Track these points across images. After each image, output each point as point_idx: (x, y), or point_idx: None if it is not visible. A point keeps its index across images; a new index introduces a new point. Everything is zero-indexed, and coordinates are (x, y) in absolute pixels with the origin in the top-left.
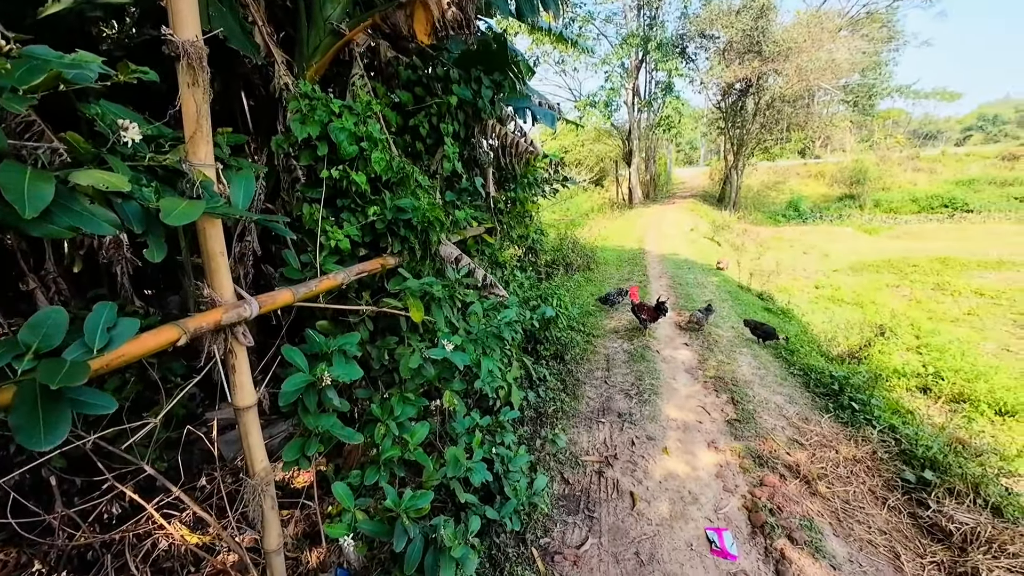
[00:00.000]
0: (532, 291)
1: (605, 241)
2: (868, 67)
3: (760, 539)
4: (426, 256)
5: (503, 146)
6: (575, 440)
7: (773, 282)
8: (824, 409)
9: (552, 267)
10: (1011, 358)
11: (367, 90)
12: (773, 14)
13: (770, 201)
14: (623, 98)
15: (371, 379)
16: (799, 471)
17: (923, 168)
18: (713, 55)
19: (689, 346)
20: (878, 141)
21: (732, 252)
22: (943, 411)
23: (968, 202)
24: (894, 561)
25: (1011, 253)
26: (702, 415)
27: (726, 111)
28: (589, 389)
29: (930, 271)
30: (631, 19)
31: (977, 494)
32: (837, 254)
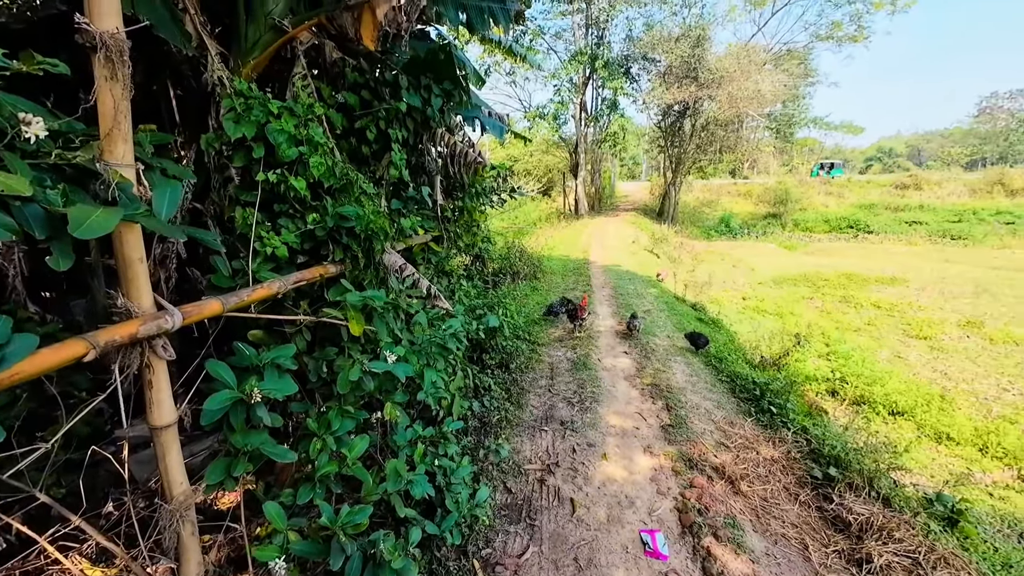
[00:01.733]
0: (479, 300)
1: (552, 251)
2: (788, 99)
3: (689, 538)
4: (369, 265)
5: (452, 155)
6: (519, 449)
7: (706, 293)
8: (747, 413)
9: (499, 275)
10: (901, 364)
11: (310, 91)
12: (708, 44)
13: (704, 217)
14: (571, 112)
15: (308, 392)
16: (724, 472)
17: (833, 192)
18: (655, 77)
19: (628, 354)
20: (797, 166)
21: (669, 264)
22: (847, 412)
23: (869, 224)
24: (803, 552)
25: (902, 270)
26: (639, 421)
27: (666, 130)
28: (533, 397)
29: (838, 285)
30: (580, 37)
31: (871, 487)
32: (762, 268)
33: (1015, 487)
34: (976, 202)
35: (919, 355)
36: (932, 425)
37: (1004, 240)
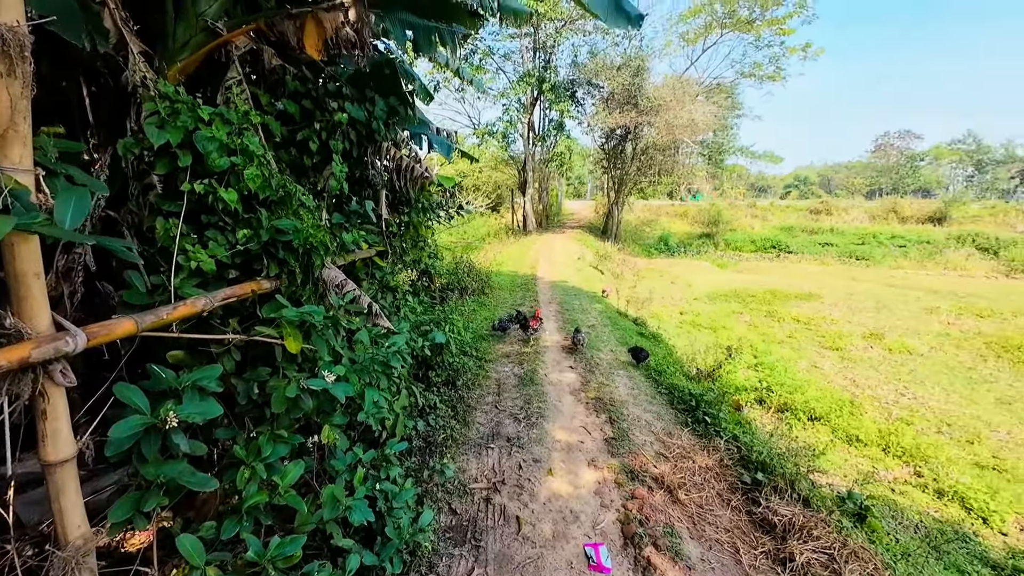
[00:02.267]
0: (425, 316)
1: (500, 266)
2: (719, 128)
3: (631, 549)
4: (307, 280)
5: (398, 169)
6: (464, 468)
7: (647, 308)
8: (684, 423)
9: (447, 291)
10: (818, 373)
11: (245, 98)
12: (647, 74)
13: (645, 235)
14: (520, 131)
15: (236, 416)
16: (664, 482)
17: (758, 215)
18: (598, 102)
19: (574, 369)
20: (727, 190)
21: (613, 280)
22: (773, 419)
23: (789, 245)
24: (735, 555)
25: (817, 287)
26: (584, 435)
27: (609, 153)
28: (480, 414)
29: (763, 301)
30: (528, 59)
31: (793, 489)
32: (697, 285)
33: (912, 482)
34: (875, 227)
35: (832, 364)
36: (844, 429)
37: (898, 261)
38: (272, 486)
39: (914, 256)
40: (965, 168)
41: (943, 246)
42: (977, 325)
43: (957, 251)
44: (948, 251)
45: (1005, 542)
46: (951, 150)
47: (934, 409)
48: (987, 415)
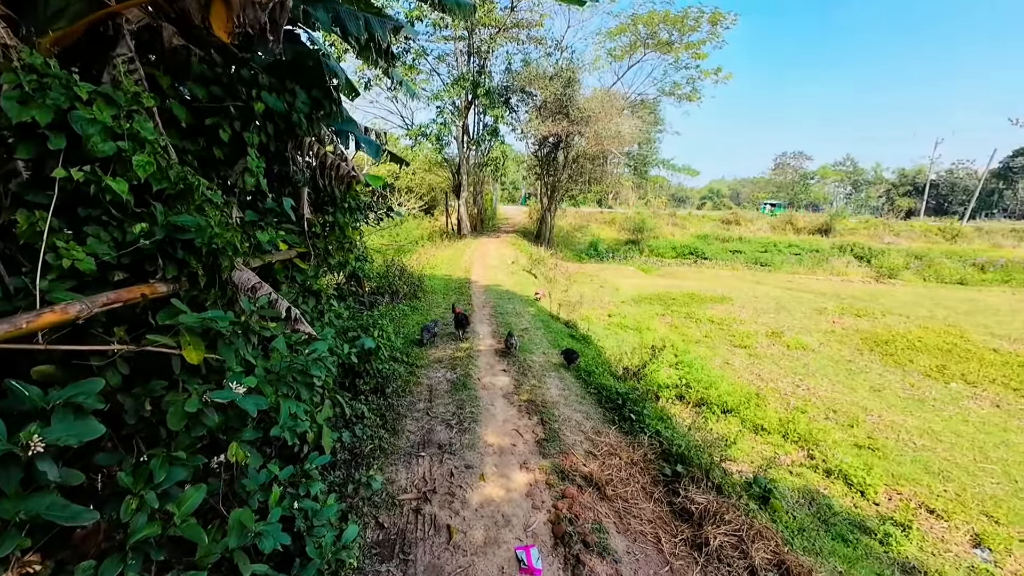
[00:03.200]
0: (352, 321)
1: (434, 270)
2: (643, 141)
3: (561, 548)
4: (213, 283)
5: (322, 166)
6: (393, 479)
7: (577, 311)
8: (612, 421)
9: (377, 295)
10: (730, 369)
11: (138, 78)
12: (578, 86)
13: (576, 241)
14: (454, 134)
15: (123, 438)
16: (592, 479)
17: (678, 224)
18: (532, 110)
19: (507, 372)
20: (650, 200)
21: (546, 284)
22: (691, 414)
23: (704, 252)
24: (657, 545)
25: (728, 290)
26: (516, 438)
27: (542, 160)
28: (410, 422)
29: (683, 303)
30: (462, 63)
31: (708, 478)
32: (624, 288)
33: (806, 464)
34: (775, 236)
35: (741, 361)
36: (751, 419)
37: (794, 267)
38: (167, 516)
39: (807, 263)
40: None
41: (829, 254)
42: (855, 323)
43: (839, 259)
44: (833, 259)
45: (877, 510)
46: (834, 171)
47: (823, 398)
48: (863, 401)
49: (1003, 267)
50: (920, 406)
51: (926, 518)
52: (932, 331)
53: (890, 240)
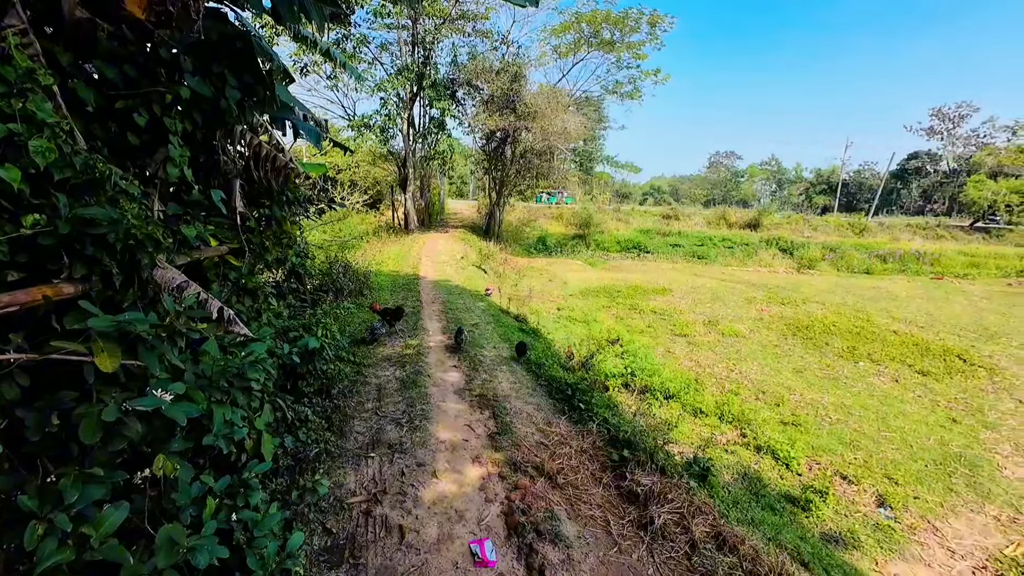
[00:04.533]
0: (293, 321)
1: (381, 266)
2: (588, 138)
3: (515, 539)
4: (131, 283)
5: (255, 157)
6: (341, 482)
7: (527, 305)
8: (562, 412)
9: (320, 293)
10: (671, 357)
11: (33, 52)
12: (524, 81)
13: (525, 235)
14: (399, 126)
15: (25, 457)
16: (544, 469)
17: (622, 219)
18: (479, 104)
19: (458, 368)
20: (596, 196)
21: (496, 280)
22: (636, 401)
23: (647, 246)
24: (606, 528)
25: (669, 282)
26: (468, 433)
27: (490, 154)
28: (358, 423)
29: (628, 295)
30: (406, 53)
31: (652, 461)
32: (572, 282)
33: (739, 442)
34: (711, 231)
35: (682, 349)
36: (691, 403)
37: (727, 260)
38: (84, 539)
39: (739, 256)
40: (770, 185)
41: (758, 248)
42: (781, 311)
43: (767, 252)
44: (761, 252)
45: (800, 480)
46: (761, 170)
47: (753, 380)
48: (788, 382)
49: (900, 258)
50: (835, 384)
51: (840, 484)
52: (844, 316)
53: (809, 234)
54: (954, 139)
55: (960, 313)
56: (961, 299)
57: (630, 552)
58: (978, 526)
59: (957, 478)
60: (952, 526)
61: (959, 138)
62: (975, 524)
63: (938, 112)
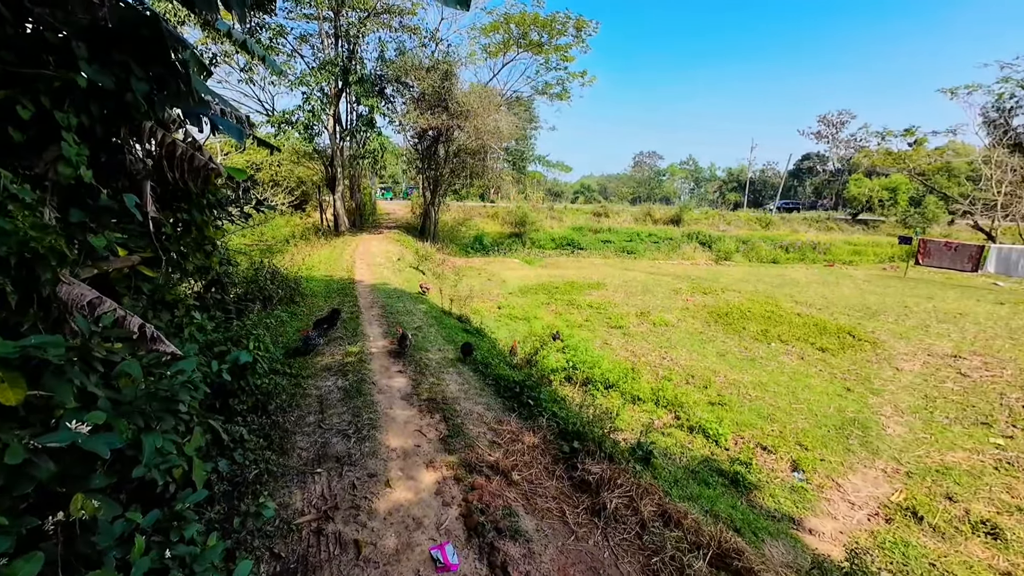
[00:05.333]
0: (219, 334)
1: (312, 271)
2: (520, 138)
3: (476, 539)
4: (30, 302)
5: (170, 156)
6: (286, 503)
7: (468, 305)
8: (512, 409)
9: (246, 302)
10: (609, 348)
11: None
12: (455, 79)
13: (461, 235)
14: (325, 123)
15: None
16: (499, 467)
17: (556, 217)
18: (409, 101)
19: (403, 373)
20: (529, 194)
21: (434, 280)
22: (580, 393)
23: (580, 242)
24: (562, 518)
25: (602, 277)
26: (420, 438)
27: (423, 153)
28: (301, 438)
29: (565, 291)
30: (329, 46)
31: (601, 450)
32: (511, 280)
33: (674, 424)
34: (638, 227)
35: (618, 340)
36: (629, 391)
37: (654, 254)
38: None
39: (664, 250)
40: (689, 183)
41: (680, 242)
42: (703, 300)
43: (688, 245)
44: (684, 245)
45: (728, 454)
46: (681, 169)
47: (683, 366)
48: (713, 365)
49: (799, 248)
50: (752, 364)
51: (761, 454)
52: (757, 302)
53: (724, 228)
54: (837, 143)
55: (848, 295)
56: (848, 283)
57: (586, 538)
58: (871, 479)
59: (853, 439)
60: (851, 481)
61: (841, 142)
62: (868, 478)
63: (824, 118)
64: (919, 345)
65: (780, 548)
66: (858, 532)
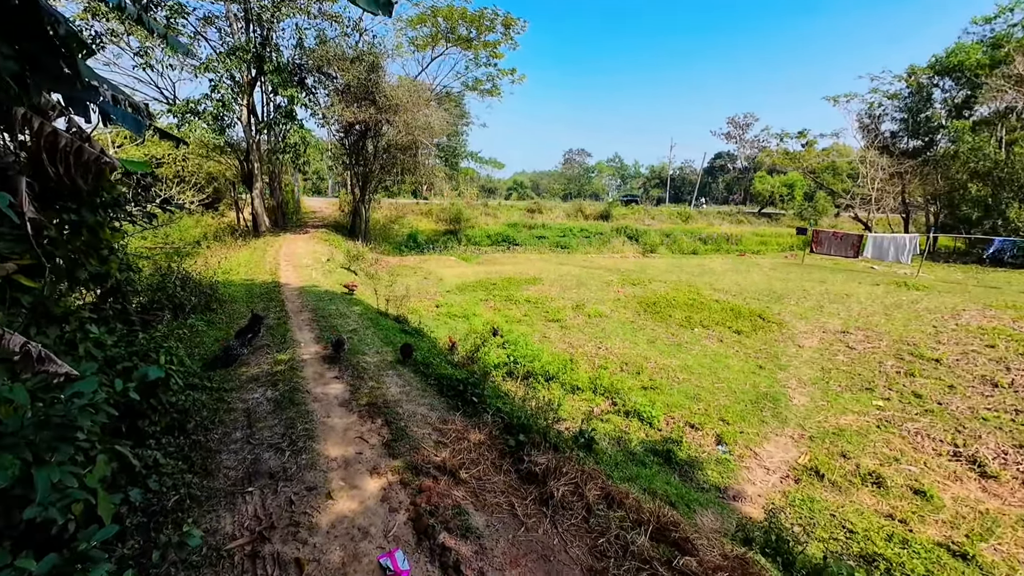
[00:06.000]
0: (122, 348)
1: (230, 275)
2: (452, 134)
3: (426, 542)
4: None
5: (50, 149)
6: (215, 528)
7: (406, 305)
8: (456, 408)
9: (153, 311)
10: (547, 342)
11: None
12: (382, 72)
13: (394, 234)
14: (238, 114)
15: None
16: (446, 467)
17: (490, 213)
18: (333, 93)
19: (340, 379)
20: (463, 191)
21: (368, 280)
22: (522, 387)
23: (515, 238)
24: (512, 511)
25: (539, 272)
26: (362, 445)
27: (350, 148)
28: (227, 457)
29: (503, 287)
30: (239, 30)
31: (546, 441)
32: (448, 278)
33: (612, 411)
34: (570, 223)
35: (556, 333)
36: (569, 382)
37: (587, 249)
38: None
39: (595, 244)
40: (616, 179)
41: (610, 236)
42: (633, 291)
43: (617, 239)
44: (613, 240)
45: (661, 434)
46: (608, 166)
47: (617, 354)
48: (644, 352)
49: (715, 240)
50: (679, 349)
51: (689, 432)
52: (681, 291)
53: (649, 223)
54: (744, 143)
55: (757, 281)
56: (757, 271)
57: (536, 528)
58: (781, 446)
59: (766, 412)
60: (766, 449)
61: (747, 142)
62: (780, 444)
63: (732, 120)
64: (816, 324)
65: (709, 516)
66: (773, 494)
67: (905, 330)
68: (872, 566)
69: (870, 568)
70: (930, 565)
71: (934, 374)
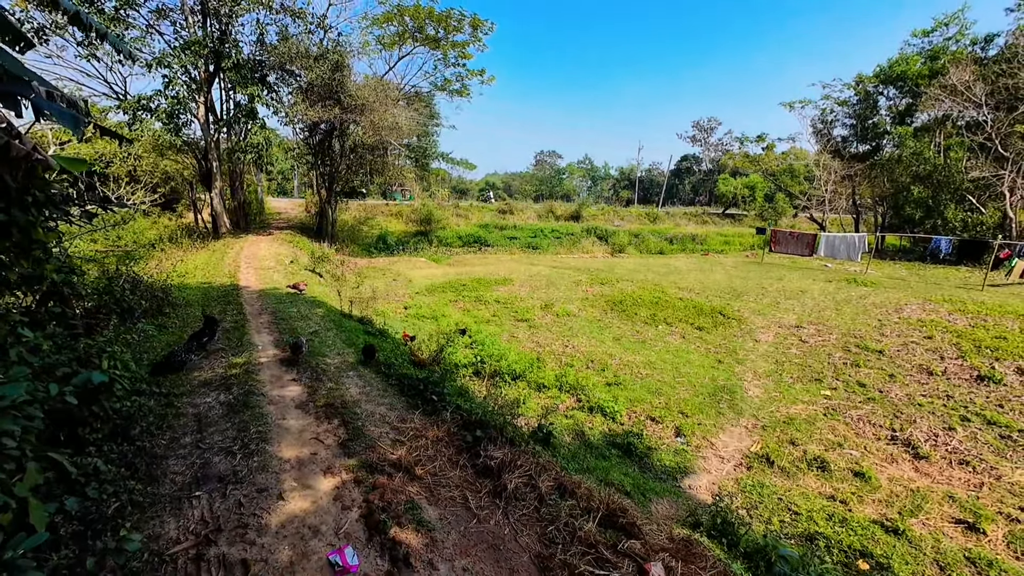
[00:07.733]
0: (60, 354)
1: (186, 278)
2: (422, 134)
3: (377, 537)
4: None
5: None
6: (157, 533)
7: (371, 307)
8: (415, 407)
9: (99, 316)
10: (516, 341)
11: None
12: (348, 71)
13: (363, 235)
14: (195, 112)
15: None
16: (401, 464)
17: (462, 214)
18: (296, 91)
19: (298, 381)
20: (434, 192)
21: (333, 282)
22: (488, 385)
23: (487, 239)
24: (465, 504)
25: (509, 273)
26: (317, 446)
27: (315, 148)
28: (175, 462)
29: (472, 288)
30: (195, 23)
31: (503, 435)
32: (417, 280)
33: (576, 407)
34: (542, 223)
35: (524, 332)
36: (535, 380)
37: (557, 249)
38: None
39: (566, 244)
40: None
41: (580, 236)
42: (601, 290)
43: (587, 239)
44: (583, 240)
45: (623, 428)
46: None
47: (584, 352)
48: (610, 349)
49: (681, 240)
50: (643, 346)
51: (650, 425)
52: (646, 290)
53: (618, 223)
54: (708, 146)
55: (719, 279)
56: (720, 269)
57: (488, 519)
58: (736, 435)
59: (723, 404)
60: (721, 439)
61: (711, 145)
62: (734, 434)
63: (697, 124)
64: (772, 319)
65: (664, 504)
66: (726, 481)
67: (853, 324)
68: (813, 543)
69: (810, 545)
70: (865, 541)
71: (877, 364)
